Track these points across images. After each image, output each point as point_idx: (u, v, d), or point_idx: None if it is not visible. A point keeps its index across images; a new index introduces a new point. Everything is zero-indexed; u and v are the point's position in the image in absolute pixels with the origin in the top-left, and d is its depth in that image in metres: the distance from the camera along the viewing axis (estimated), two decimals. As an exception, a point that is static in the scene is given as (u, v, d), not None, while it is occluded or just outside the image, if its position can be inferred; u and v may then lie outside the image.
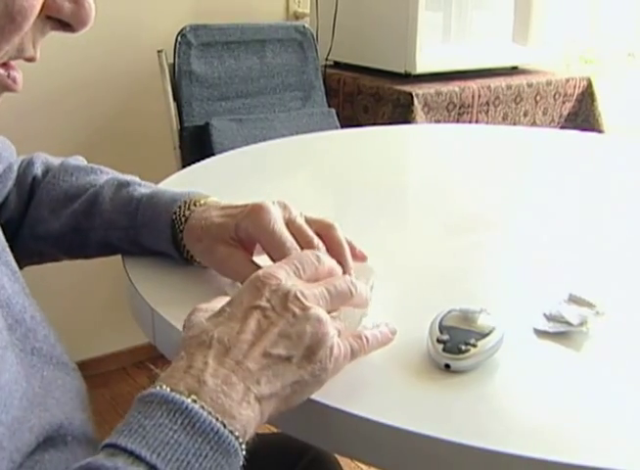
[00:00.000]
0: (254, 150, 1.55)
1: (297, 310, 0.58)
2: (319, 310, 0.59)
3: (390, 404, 0.63)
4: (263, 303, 0.58)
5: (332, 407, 0.62)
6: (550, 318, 0.74)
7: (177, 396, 0.50)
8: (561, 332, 0.73)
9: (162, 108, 1.97)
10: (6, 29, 0.51)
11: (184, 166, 1.62)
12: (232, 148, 1.61)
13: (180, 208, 0.81)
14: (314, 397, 0.62)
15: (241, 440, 0.51)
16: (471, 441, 0.57)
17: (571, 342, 0.72)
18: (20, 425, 0.58)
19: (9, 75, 0.56)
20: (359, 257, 0.79)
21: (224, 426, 0.51)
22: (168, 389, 0.51)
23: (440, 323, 0.68)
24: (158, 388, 0.51)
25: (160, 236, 0.82)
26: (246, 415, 0.52)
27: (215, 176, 1.35)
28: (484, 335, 0.67)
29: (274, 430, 0.80)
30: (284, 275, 0.60)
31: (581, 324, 0.73)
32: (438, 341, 0.66)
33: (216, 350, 0.54)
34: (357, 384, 0.66)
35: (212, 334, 0.55)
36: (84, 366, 0.75)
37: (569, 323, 0.73)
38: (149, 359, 2.35)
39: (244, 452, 0.52)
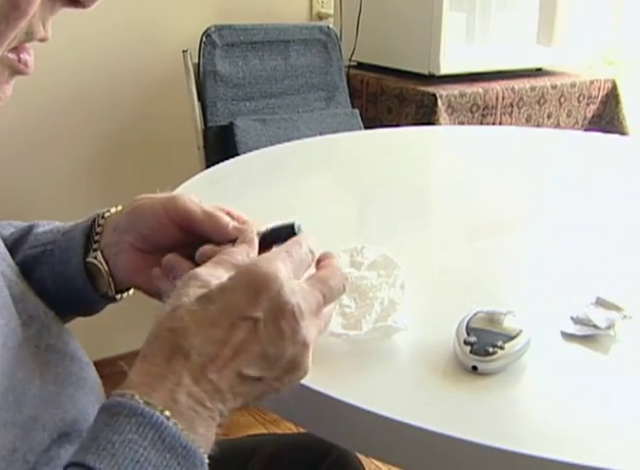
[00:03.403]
0: (278, 150, 1.56)
1: (286, 331, 0.54)
2: (309, 331, 0.56)
3: (416, 405, 0.63)
4: (257, 313, 0.53)
5: (357, 407, 0.62)
6: (577, 321, 0.74)
7: (147, 408, 0.49)
8: (588, 335, 0.72)
9: (186, 108, 1.98)
10: (10, 17, 0.48)
11: (208, 167, 1.63)
12: (256, 148, 1.61)
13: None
14: (340, 397, 0.63)
15: (205, 454, 0.51)
16: (496, 443, 0.57)
17: (599, 345, 0.72)
18: (33, 424, 0.59)
19: (20, 60, 0.53)
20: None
21: (192, 441, 0.50)
22: (141, 401, 0.49)
23: (467, 325, 0.68)
24: (128, 396, 0.50)
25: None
26: (211, 432, 0.52)
27: (239, 176, 1.36)
28: (512, 337, 0.67)
29: (301, 430, 0.80)
30: (285, 276, 0.55)
31: (609, 327, 0.73)
32: (465, 343, 0.66)
33: (193, 363, 0.52)
34: (384, 384, 0.66)
35: (192, 342, 0.52)
36: (104, 364, 0.75)
37: (596, 326, 0.73)
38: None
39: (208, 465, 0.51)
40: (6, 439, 0.55)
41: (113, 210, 0.74)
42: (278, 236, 0.65)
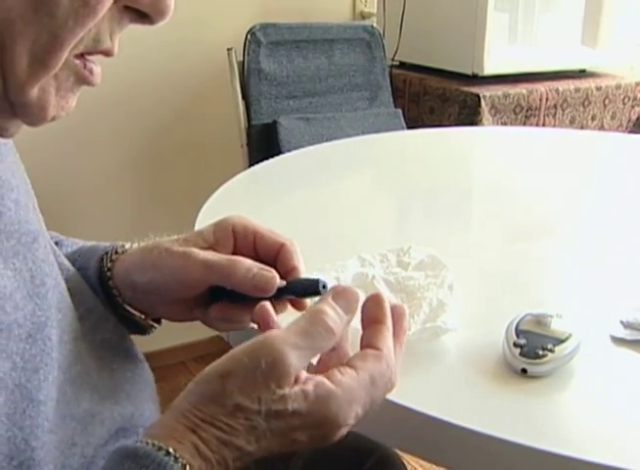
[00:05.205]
0: (321, 149, 1.56)
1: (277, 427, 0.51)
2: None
3: (464, 406, 0.63)
4: (254, 405, 0.50)
5: (405, 407, 0.62)
6: (627, 325, 0.73)
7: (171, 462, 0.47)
8: (638, 340, 0.72)
9: (230, 106, 1.99)
10: (80, 13, 0.47)
11: (251, 165, 1.64)
12: (299, 146, 1.62)
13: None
14: (388, 396, 0.63)
15: None
16: (544, 445, 0.57)
17: (649, 350, 0.72)
18: (91, 418, 0.59)
19: (85, 66, 0.52)
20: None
21: None
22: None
23: (517, 327, 0.68)
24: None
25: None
26: None
27: (282, 175, 1.37)
28: (562, 340, 0.66)
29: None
30: (296, 370, 0.52)
31: (659, 332, 0.72)
32: (515, 345, 0.66)
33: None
34: (432, 384, 0.66)
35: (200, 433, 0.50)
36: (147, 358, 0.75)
37: (646, 331, 0.72)
38: (209, 354, 2.38)
39: None
40: (65, 432, 0.56)
41: (124, 245, 0.71)
42: (297, 290, 0.63)
